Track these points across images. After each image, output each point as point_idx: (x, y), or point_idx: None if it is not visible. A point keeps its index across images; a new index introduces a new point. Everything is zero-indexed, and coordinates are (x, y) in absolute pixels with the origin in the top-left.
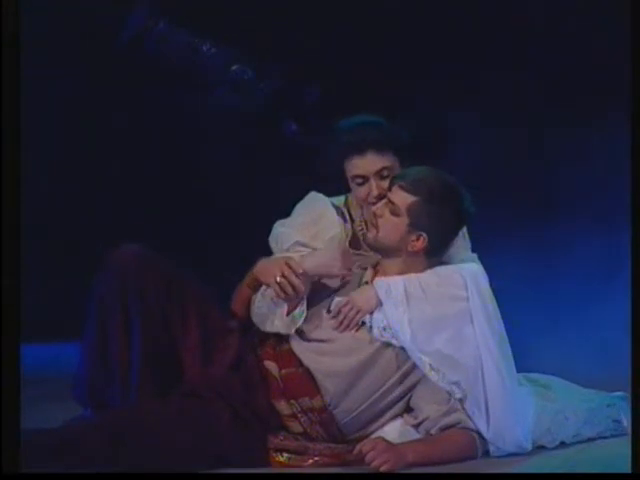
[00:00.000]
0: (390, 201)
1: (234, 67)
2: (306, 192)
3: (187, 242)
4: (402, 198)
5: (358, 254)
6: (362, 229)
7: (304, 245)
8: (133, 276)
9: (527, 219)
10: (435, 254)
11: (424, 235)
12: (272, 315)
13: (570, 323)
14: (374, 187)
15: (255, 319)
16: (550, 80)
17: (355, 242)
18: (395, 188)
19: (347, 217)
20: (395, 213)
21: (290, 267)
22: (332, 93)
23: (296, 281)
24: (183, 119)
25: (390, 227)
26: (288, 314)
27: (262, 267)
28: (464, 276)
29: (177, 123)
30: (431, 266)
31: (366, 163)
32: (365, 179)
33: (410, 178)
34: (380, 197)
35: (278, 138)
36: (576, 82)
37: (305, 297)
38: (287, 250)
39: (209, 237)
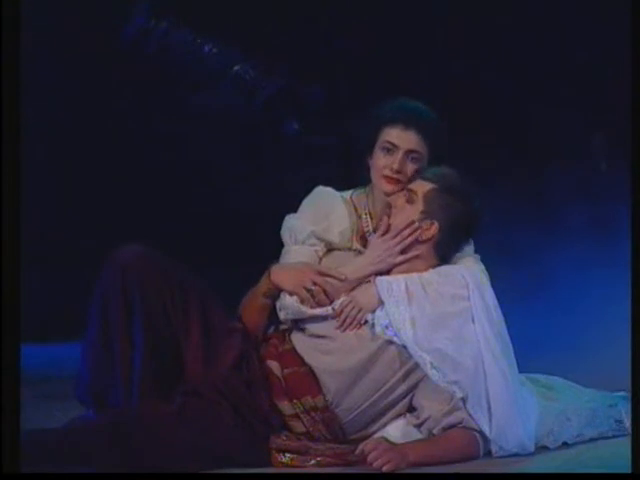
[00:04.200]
0: (408, 189)
1: (236, 67)
2: (308, 192)
3: (188, 242)
4: (421, 185)
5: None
6: (368, 225)
7: (319, 237)
8: (135, 275)
9: (528, 219)
10: (443, 250)
11: (436, 223)
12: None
13: (570, 323)
14: (398, 160)
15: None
16: (550, 80)
17: (361, 238)
18: (416, 180)
19: (353, 212)
20: (411, 200)
21: (323, 274)
22: (334, 93)
23: (330, 288)
24: (185, 118)
25: (403, 214)
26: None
27: (283, 276)
28: (465, 276)
29: (179, 122)
30: (436, 266)
31: (405, 137)
32: (395, 149)
33: (432, 171)
34: (398, 172)
35: (280, 137)
36: (576, 82)
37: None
38: (303, 242)
39: (210, 236)
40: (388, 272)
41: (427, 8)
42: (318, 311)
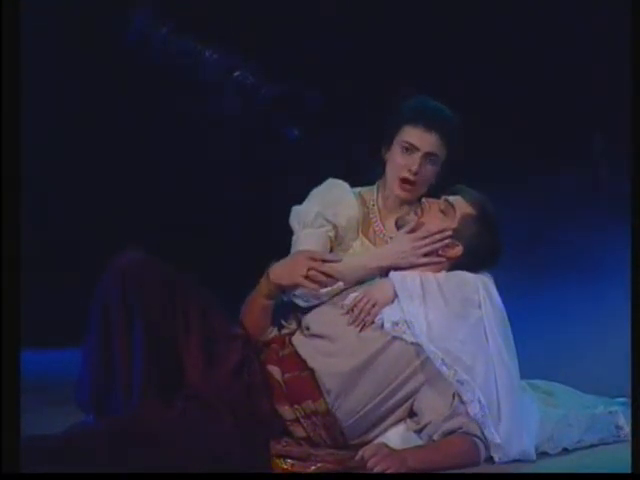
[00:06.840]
0: (447, 201)
1: (236, 73)
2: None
3: (188, 247)
4: (461, 205)
5: None
6: (375, 218)
7: (326, 219)
8: (135, 281)
9: (527, 222)
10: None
11: (461, 246)
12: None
13: (570, 325)
14: (417, 161)
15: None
16: (550, 81)
17: (367, 231)
18: (458, 197)
19: (362, 204)
20: (446, 212)
21: (315, 258)
22: (333, 98)
23: (332, 271)
24: (185, 124)
25: (436, 220)
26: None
27: (280, 271)
28: (477, 283)
29: (179, 128)
30: None
31: (426, 138)
32: (414, 150)
33: (475, 196)
34: (415, 174)
35: (280, 143)
36: (576, 83)
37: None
38: (311, 225)
39: (210, 242)
40: (401, 270)
41: (427, 10)
42: (330, 288)
